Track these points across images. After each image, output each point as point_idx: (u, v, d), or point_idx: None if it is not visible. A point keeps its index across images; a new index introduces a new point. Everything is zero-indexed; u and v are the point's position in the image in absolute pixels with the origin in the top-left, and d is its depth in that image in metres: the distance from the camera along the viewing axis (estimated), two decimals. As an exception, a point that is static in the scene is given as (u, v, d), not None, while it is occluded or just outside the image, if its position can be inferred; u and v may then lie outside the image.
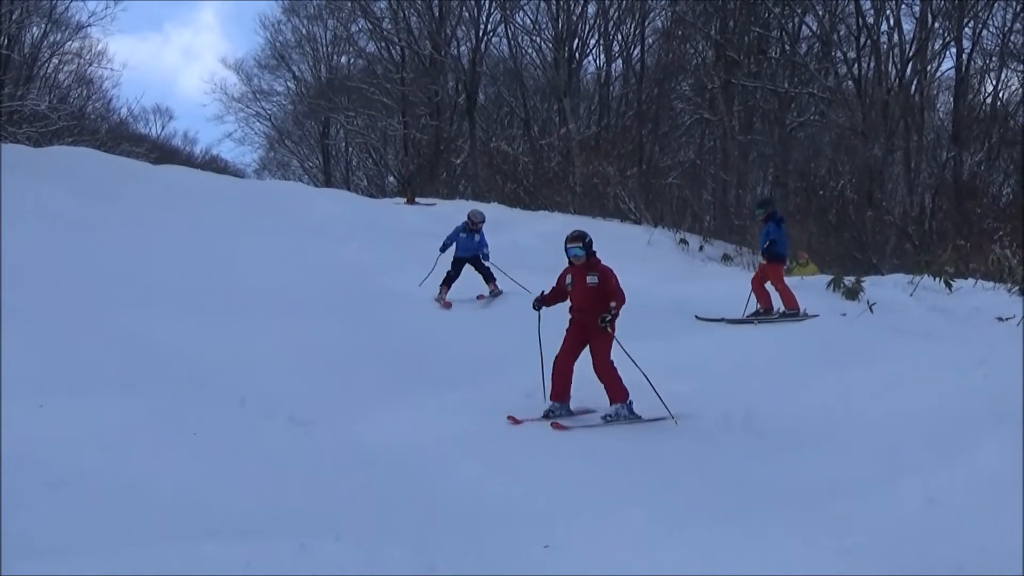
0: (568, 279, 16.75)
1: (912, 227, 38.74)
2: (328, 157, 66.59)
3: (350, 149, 68.42)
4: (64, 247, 23.21)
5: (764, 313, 23.17)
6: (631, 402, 16.25)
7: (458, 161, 53.92)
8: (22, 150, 39.84)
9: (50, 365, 15.66)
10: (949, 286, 25.89)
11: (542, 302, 17.27)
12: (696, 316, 23.50)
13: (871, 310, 23.59)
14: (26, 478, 11.78)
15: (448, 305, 24.40)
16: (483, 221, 25.41)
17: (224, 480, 12.44)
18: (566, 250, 17.12)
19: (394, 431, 14.66)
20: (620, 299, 16.43)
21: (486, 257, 24.99)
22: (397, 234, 32.96)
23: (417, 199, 42.88)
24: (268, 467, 13.10)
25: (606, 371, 16.11)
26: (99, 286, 20.89)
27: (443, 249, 25.01)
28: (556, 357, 16.37)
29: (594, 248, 16.76)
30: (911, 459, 14.43)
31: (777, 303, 23.24)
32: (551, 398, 16.34)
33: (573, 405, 16.69)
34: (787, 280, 23.75)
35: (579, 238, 16.64)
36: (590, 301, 16.36)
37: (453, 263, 24.89)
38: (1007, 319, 21.62)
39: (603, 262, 16.69)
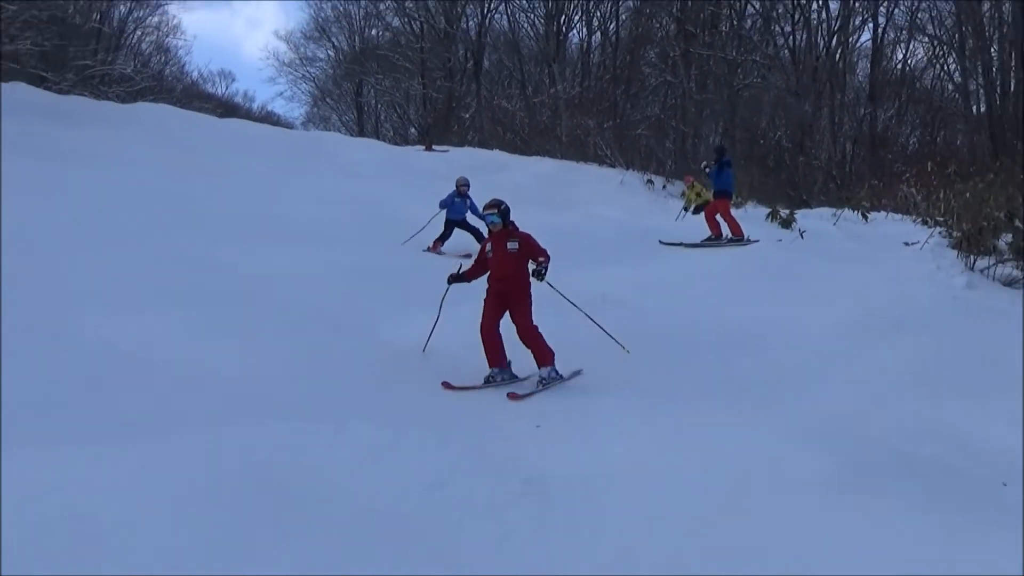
0: (488, 247, 14.42)
1: (835, 170, 38.88)
2: (361, 112, 66.37)
3: (379, 105, 68.19)
4: (145, 186, 23.13)
5: (714, 239, 23.16)
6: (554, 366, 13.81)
7: (467, 116, 53.81)
8: (111, 106, 39.75)
9: (133, 282, 15.63)
10: (865, 218, 25.96)
11: (458, 278, 14.79)
12: (660, 241, 23.48)
13: (802, 237, 23.63)
14: (114, 367, 11.82)
15: (441, 254, 22.58)
16: (467, 186, 23.88)
17: (274, 374, 12.44)
18: (483, 218, 15.65)
19: (413, 335, 14.67)
20: (546, 256, 14.02)
21: (484, 220, 21.46)
22: (417, 174, 32.91)
23: (433, 147, 42.72)
24: (309, 363, 13.10)
25: (531, 335, 13.76)
26: (173, 218, 20.81)
27: (441, 206, 23.70)
28: (481, 325, 13.83)
29: (511, 217, 14.44)
30: (832, 357, 14.51)
31: (726, 232, 23.24)
32: (490, 365, 13.73)
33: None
34: (733, 212, 23.76)
35: (495, 205, 14.50)
36: (511, 268, 14.00)
37: (445, 224, 23.53)
38: (912, 244, 21.63)
39: (522, 229, 14.47)
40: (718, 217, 23.31)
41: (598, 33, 53.23)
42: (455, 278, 14.70)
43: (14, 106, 31.79)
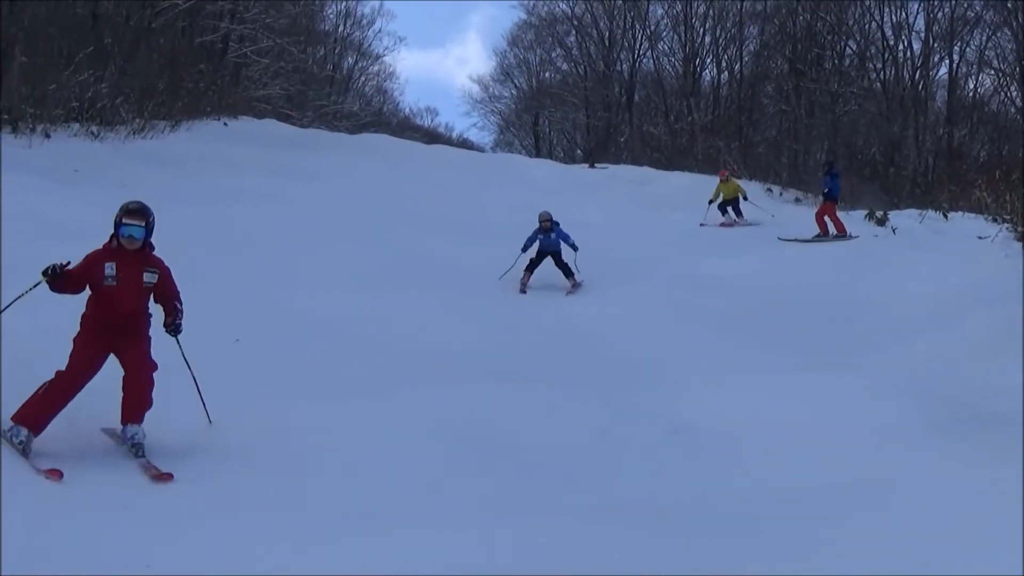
0: (110, 270, 8.08)
1: (920, 179, 38.12)
2: (537, 138, 66.57)
3: (551, 133, 68.34)
4: (368, 196, 23.53)
5: (822, 236, 22.86)
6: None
7: (622, 140, 53.64)
8: (342, 136, 40.39)
9: (361, 271, 15.88)
10: (946, 217, 25.40)
11: (55, 278, 7.91)
12: (779, 237, 23.21)
13: (894, 232, 23.25)
14: (344, 341, 12.06)
15: (524, 291, 17.47)
16: (549, 219, 18.39)
17: (469, 344, 12.59)
18: (117, 226, 8.25)
19: (581, 312, 14.71)
20: (180, 301, 8.55)
21: (574, 248, 18.10)
22: (583, 185, 32.92)
23: (595, 164, 42.72)
24: (499, 334, 13.25)
25: (147, 383, 8.09)
26: (390, 219, 21.11)
27: (524, 249, 18.25)
28: (61, 380, 7.74)
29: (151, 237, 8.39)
30: (920, 327, 14.26)
31: (832, 230, 22.94)
32: (22, 423, 7.54)
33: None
34: (838, 214, 23.45)
35: (139, 212, 8.33)
36: (139, 305, 8.25)
37: (537, 254, 18.25)
38: (984, 238, 21.14)
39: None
40: (825, 218, 23.06)
41: (726, 71, 52.92)
42: (54, 277, 7.93)
43: (268, 137, 32.60)
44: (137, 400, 8.04)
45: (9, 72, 23.52)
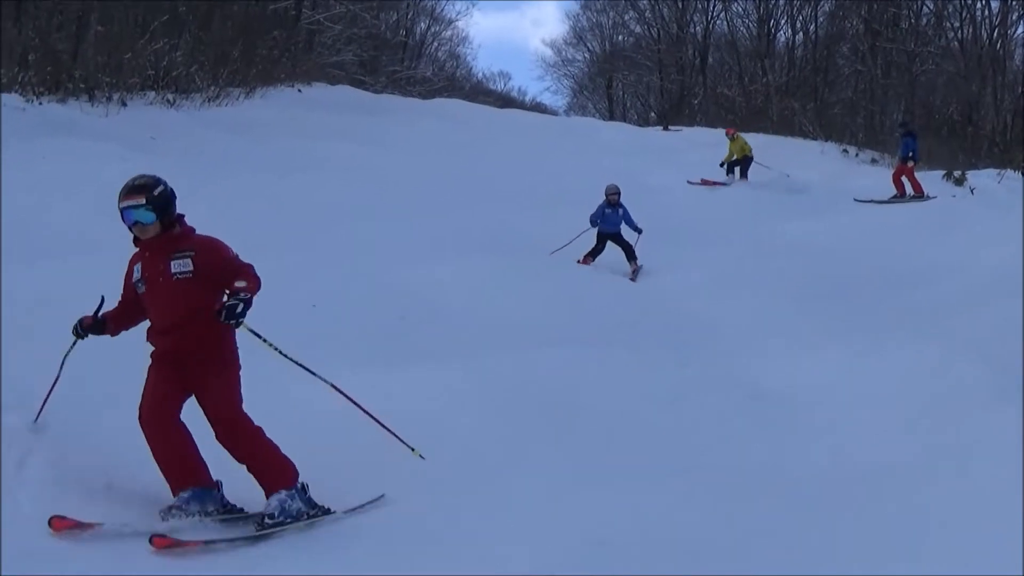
0: (137, 273, 6.25)
1: (998, 138, 37.28)
2: (611, 101, 66.28)
3: (625, 96, 68.05)
4: (441, 162, 23.45)
5: (899, 197, 22.48)
6: (303, 485, 6.31)
7: (696, 102, 53.22)
8: (415, 101, 40.55)
9: (435, 239, 15.83)
10: (1024, 175, 24.90)
11: (88, 329, 6.38)
12: (855, 199, 22.85)
13: (972, 193, 22.86)
14: (421, 307, 11.98)
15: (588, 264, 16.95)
16: (617, 193, 17.41)
17: (545, 311, 12.49)
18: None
19: (664, 281, 14.54)
20: (251, 278, 6.21)
21: (638, 230, 17.16)
22: (656, 149, 32.73)
23: (669, 127, 42.46)
24: (574, 302, 13.13)
25: (241, 432, 6.14)
26: (466, 187, 21.03)
27: (593, 223, 17.30)
28: (143, 415, 6.01)
29: (177, 210, 6.27)
30: (997, 290, 13.93)
31: (909, 191, 22.55)
32: (174, 486, 6.02)
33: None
34: (916, 174, 23.03)
35: (142, 189, 6.05)
36: (182, 308, 6.06)
37: (597, 237, 17.35)
38: (1066, 196, 20.76)
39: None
40: (903, 178, 22.68)
41: (801, 32, 52.19)
42: (89, 326, 6.40)
43: (341, 103, 32.77)
44: (256, 468, 6.24)
45: (85, 41, 23.70)
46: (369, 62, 49.08)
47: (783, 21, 52.90)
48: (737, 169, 27.05)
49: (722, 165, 27.12)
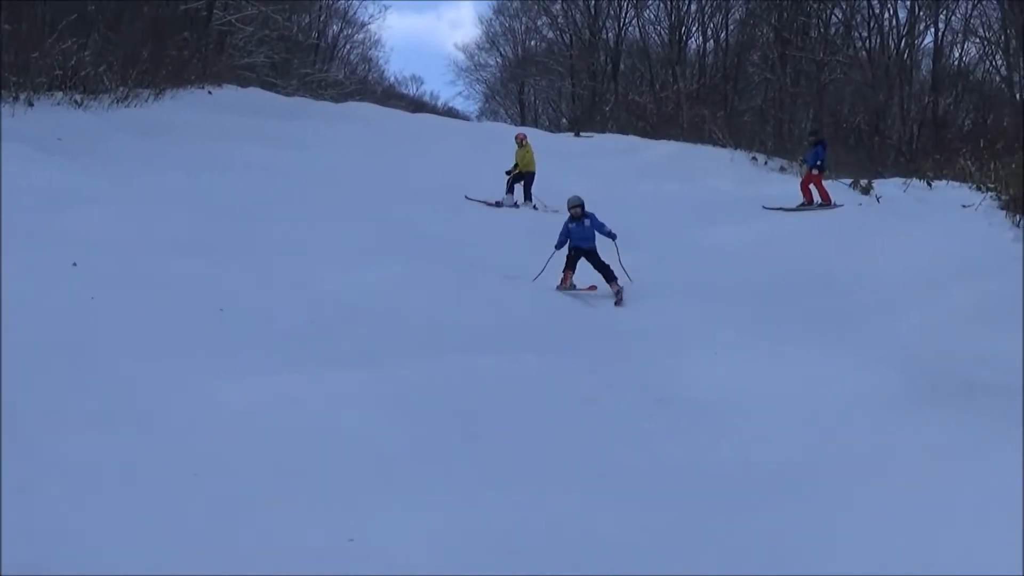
0: None
1: (905, 147, 38.10)
2: (523, 107, 66.49)
3: (537, 101, 68.30)
4: (354, 165, 23.33)
5: (807, 205, 22.81)
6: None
7: (607, 108, 53.44)
8: (327, 105, 40.36)
9: (347, 243, 15.78)
10: (930, 185, 25.38)
11: None
12: (763, 206, 23.14)
13: (878, 201, 23.25)
14: (335, 311, 11.96)
15: (573, 287, 15.13)
16: (580, 204, 15.71)
17: (460, 315, 12.52)
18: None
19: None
20: None
21: (612, 236, 15.46)
22: (568, 155, 32.73)
23: (581, 133, 42.63)
24: (488, 307, 13.16)
25: None
26: (380, 190, 20.95)
27: (558, 246, 15.59)
28: None
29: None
30: (907, 297, 14.28)
31: (817, 199, 22.89)
32: None
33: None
34: (823, 183, 23.38)
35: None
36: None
37: (569, 252, 15.45)
38: (968, 206, 21.18)
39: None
40: (811, 186, 23.01)
41: (712, 40, 52.74)
42: None
43: (252, 106, 32.54)
44: None
45: (-8, 40, 23.26)
46: (281, 64, 48.73)
47: (694, 28, 53.41)
48: (519, 187, 23.41)
49: (508, 174, 23.84)
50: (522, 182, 23.39)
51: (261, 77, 43.43)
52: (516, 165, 23.67)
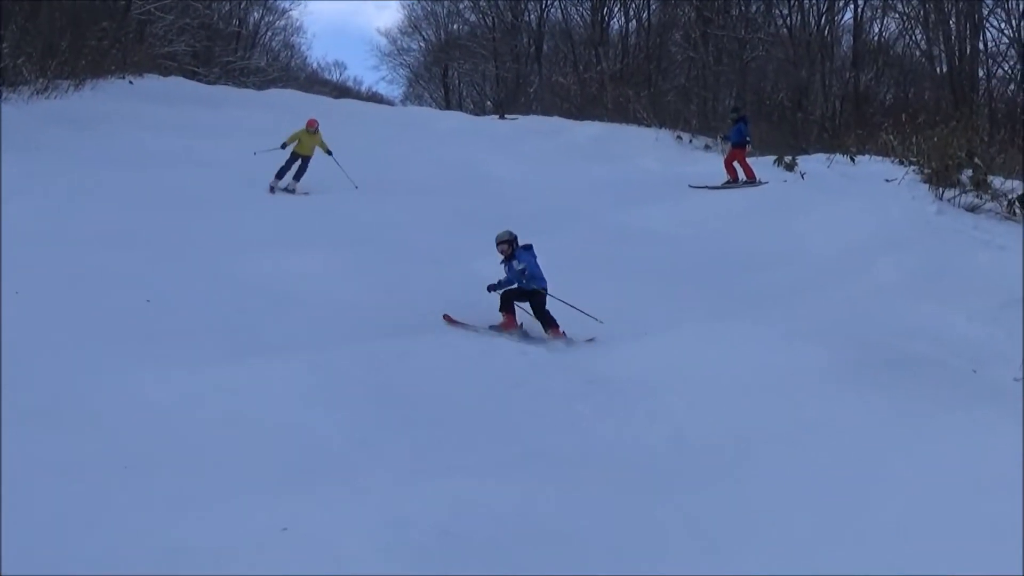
0: None
1: (827, 123, 38.44)
2: (448, 90, 66.27)
3: (461, 85, 68.10)
4: (278, 153, 23.03)
5: (732, 183, 22.93)
6: None
7: (531, 90, 53.45)
8: (250, 92, 40.11)
9: (274, 231, 15.69)
10: (853, 160, 25.57)
11: None
12: (689, 185, 23.23)
13: (803, 177, 23.40)
14: (262, 300, 11.87)
15: (516, 325, 12.44)
16: (507, 240, 13.09)
17: (388, 300, 12.51)
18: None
19: (498, 266, 14.66)
20: None
21: (538, 291, 12.59)
22: (493, 137, 32.68)
23: (506, 116, 42.61)
24: (416, 291, 13.12)
25: None
26: (305, 177, 20.73)
27: (492, 288, 12.77)
28: None
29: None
30: (832, 272, 14.42)
31: (742, 176, 23.01)
32: None
33: None
34: (747, 160, 23.51)
35: None
36: None
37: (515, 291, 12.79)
38: (891, 180, 21.41)
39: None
40: (735, 163, 23.13)
41: (634, 20, 52.83)
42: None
43: (174, 95, 32.22)
44: None
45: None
46: (202, 53, 48.26)
47: (616, 9, 53.49)
48: (295, 167, 21.09)
49: (284, 146, 21.60)
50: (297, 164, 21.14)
51: (182, 66, 43.10)
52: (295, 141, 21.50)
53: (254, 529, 6.07)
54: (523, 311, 12.61)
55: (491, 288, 12.83)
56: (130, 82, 32.80)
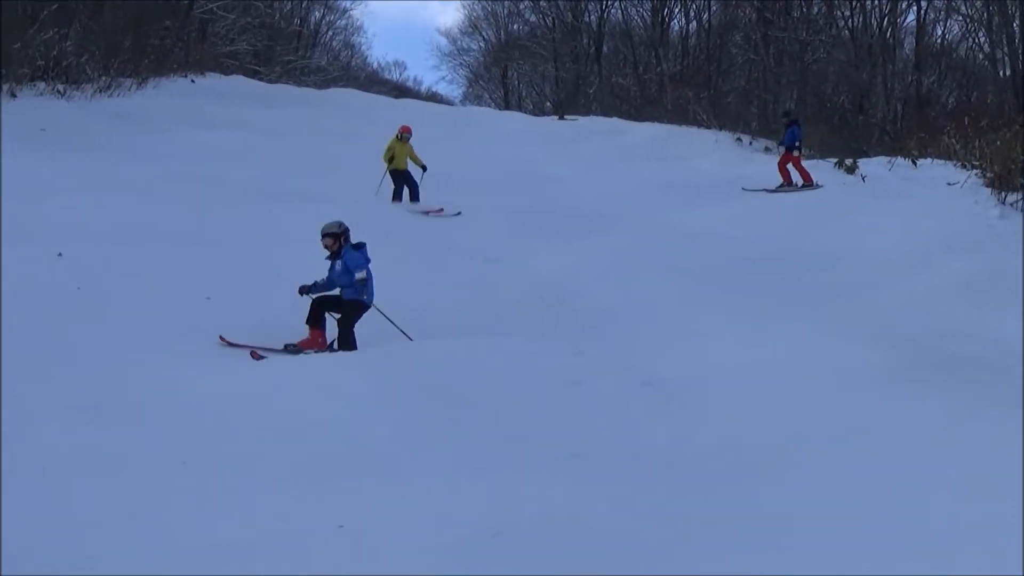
0: None
1: (889, 126, 38.05)
2: (507, 91, 66.35)
3: (520, 85, 68.16)
4: (337, 152, 23.21)
5: (787, 186, 22.84)
6: None
7: (591, 91, 53.40)
8: (310, 91, 40.26)
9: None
10: (915, 164, 25.35)
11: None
12: (742, 188, 23.14)
13: (863, 180, 23.25)
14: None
15: (322, 343, 10.74)
16: (333, 233, 11.23)
17: (441, 298, 12.57)
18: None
19: (553, 265, 14.68)
20: None
21: (361, 300, 10.94)
22: (552, 138, 32.68)
23: (564, 116, 42.60)
24: (470, 289, 13.19)
25: None
26: (364, 176, 20.78)
27: (304, 291, 11.06)
28: None
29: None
30: (890, 274, 14.35)
31: (797, 179, 22.90)
32: None
33: None
34: (803, 163, 23.39)
35: None
36: None
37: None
38: (953, 184, 21.21)
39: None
40: (789, 167, 23.02)
41: (694, 21, 52.62)
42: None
43: (235, 94, 32.43)
44: None
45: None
46: (263, 52, 48.60)
47: (677, 10, 53.28)
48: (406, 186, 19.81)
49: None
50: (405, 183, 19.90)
51: (244, 65, 43.31)
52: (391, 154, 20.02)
53: (311, 525, 6.12)
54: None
55: (303, 290, 11.05)
56: (192, 80, 33.07)
